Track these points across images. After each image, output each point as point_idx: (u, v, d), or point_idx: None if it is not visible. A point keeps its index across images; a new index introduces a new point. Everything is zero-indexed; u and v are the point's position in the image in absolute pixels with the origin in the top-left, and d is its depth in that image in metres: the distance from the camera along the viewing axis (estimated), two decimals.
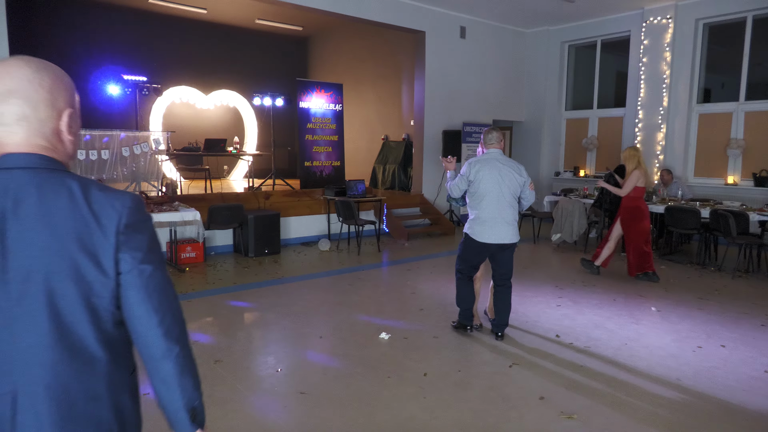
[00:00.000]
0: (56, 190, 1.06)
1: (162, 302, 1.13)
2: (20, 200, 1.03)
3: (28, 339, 1.03)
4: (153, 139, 8.45)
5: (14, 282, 1.02)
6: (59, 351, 1.05)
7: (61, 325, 1.04)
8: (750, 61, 8.89)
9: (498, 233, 4.17)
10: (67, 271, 1.04)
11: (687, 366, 3.85)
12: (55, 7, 11.25)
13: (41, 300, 1.03)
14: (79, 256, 1.05)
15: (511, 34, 11.44)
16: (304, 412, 3.14)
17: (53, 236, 1.04)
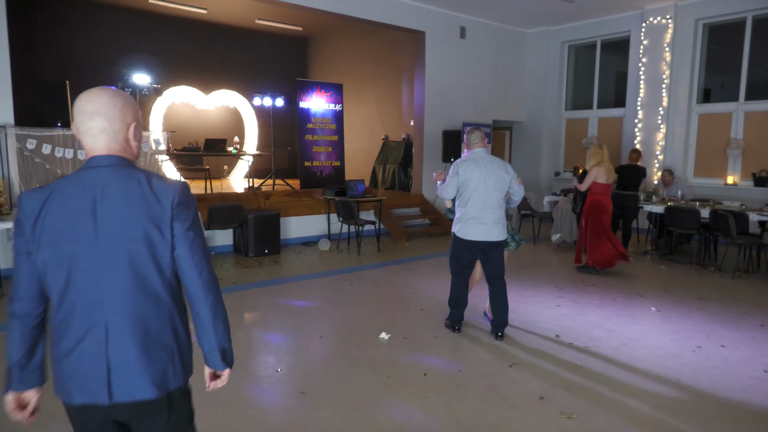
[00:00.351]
0: (129, 180, 1.49)
1: (201, 260, 1.56)
2: (105, 189, 1.47)
3: (115, 286, 1.47)
4: (153, 139, 8.44)
5: (103, 245, 1.46)
6: (137, 294, 1.49)
7: (137, 276, 1.49)
8: (750, 61, 8.89)
9: (484, 231, 4.21)
10: (140, 237, 1.48)
11: (687, 366, 3.86)
12: (55, 7, 11.24)
13: (123, 258, 1.47)
14: (147, 226, 1.48)
15: (511, 34, 11.44)
16: (304, 412, 3.14)
17: (129, 213, 1.47)
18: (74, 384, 1.48)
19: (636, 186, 7.67)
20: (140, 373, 1.49)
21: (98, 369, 1.47)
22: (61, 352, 1.49)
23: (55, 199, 1.47)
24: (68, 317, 1.48)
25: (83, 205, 1.46)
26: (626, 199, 7.64)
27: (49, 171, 6.94)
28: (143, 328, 1.50)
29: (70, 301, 1.47)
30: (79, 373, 1.48)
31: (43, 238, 1.45)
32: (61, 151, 7.03)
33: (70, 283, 1.47)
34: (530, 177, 11.87)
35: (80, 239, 1.46)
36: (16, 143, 6.61)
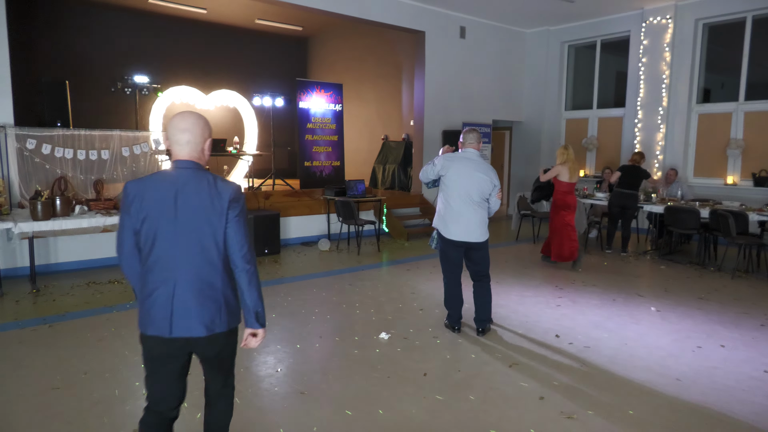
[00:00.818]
0: (201, 179, 2.10)
1: (244, 240, 2.13)
2: (185, 184, 2.08)
3: (184, 253, 2.06)
4: (153, 139, 8.43)
5: (180, 224, 2.05)
6: (199, 260, 2.08)
7: (201, 247, 2.07)
8: (750, 61, 8.89)
9: (463, 231, 4.23)
10: (205, 219, 2.07)
11: (686, 366, 3.86)
12: (55, 7, 11.24)
13: (192, 234, 2.06)
14: (210, 212, 2.07)
15: (511, 34, 11.44)
16: (304, 412, 3.14)
17: (200, 201, 2.07)
18: (149, 320, 2.08)
19: (636, 186, 7.69)
20: (194, 318, 2.07)
21: (165, 311, 2.05)
22: (143, 295, 2.10)
23: (151, 187, 2.08)
24: (150, 270, 2.08)
25: (169, 194, 2.07)
26: (626, 198, 7.66)
27: (48, 171, 6.94)
28: (200, 286, 2.08)
29: (152, 259, 2.07)
30: (152, 312, 2.07)
31: (140, 213, 2.07)
32: (61, 151, 7.02)
33: (154, 247, 2.07)
34: (530, 177, 11.86)
35: (164, 217, 2.06)
36: (16, 143, 6.61)
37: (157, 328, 2.07)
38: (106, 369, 3.70)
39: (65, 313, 4.92)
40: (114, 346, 4.12)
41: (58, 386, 3.43)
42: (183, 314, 2.06)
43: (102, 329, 4.49)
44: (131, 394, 3.35)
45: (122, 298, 5.42)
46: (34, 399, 3.26)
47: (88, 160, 7.33)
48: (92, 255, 6.75)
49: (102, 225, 5.86)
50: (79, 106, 9.96)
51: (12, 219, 5.54)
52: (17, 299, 5.35)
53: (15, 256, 6.20)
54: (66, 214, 5.74)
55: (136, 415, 3.08)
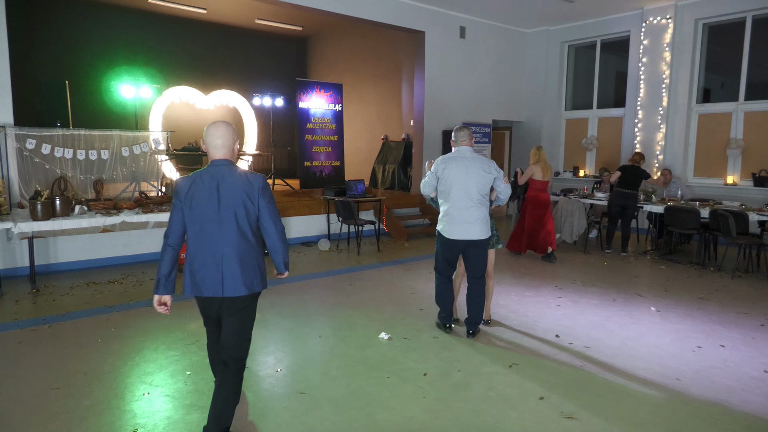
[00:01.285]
0: (235, 173, 2.68)
1: (276, 217, 2.74)
2: (223, 177, 2.64)
3: (227, 234, 2.64)
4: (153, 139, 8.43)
5: (222, 209, 2.61)
6: (239, 239, 2.65)
7: (239, 228, 2.64)
8: (749, 61, 8.89)
9: (464, 230, 4.20)
10: (241, 204, 2.63)
11: (687, 366, 3.85)
12: (55, 7, 11.23)
13: (232, 218, 2.63)
14: (245, 199, 2.64)
15: (511, 34, 11.44)
16: (304, 412, 3.14)
17: (236, 190, 2.63)
18: (205, 285, 2.67)
19: (636, 186, 7.69)
20: (239, 281, 2.68)
21: (217, 277, 2.67)
22: (195, 267, 2.68)
23: (197, 181, 2.68)
24: (200, 249, 2.67)
25: (212, 186, 2.66)
26: (627, 198, 7.66)
27: (48, 171, 6.94)
28: (241, 257, 2.69)
29: (200, 241, 2.67)
30: (206, 279, 2.67)
31: (190, 202, 2.66)
32: (61, 151, 7.02)
33: (201, 231, 2.66)
34: None
35: (209, 205, 2.65)
36: (16, 143, 6.61)
37: (212, 290, 2.67)
38: (106, 369, 3.70)
39: (65, 313, 4.92)
40: (114, 346, 4.11)
41: (58, 386, 3.42)
42: (230, 279, 2.67)
43: (102, 329, 4.49)
44: (131, 393, 3.35)
45: (122, 298, 5.42)
46: (33, 399, 3.26)
47: (88, 160, 7.34)
48: (92, 255, 6.75)
49: (102, 225, 5.86)
50: (78, 106, 9.96)
51: (12, 219, 5.54)
52: (17, 299, 5.35)
53: (15, 256, 6.20)
54: (66, 214, 5.74)
55: (137, 415, 3.08)
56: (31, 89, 9.32)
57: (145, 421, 3.00)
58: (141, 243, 7.08)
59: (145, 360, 3.89)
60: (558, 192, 9.33)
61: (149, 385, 3.45)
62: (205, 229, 2.66)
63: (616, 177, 7.79)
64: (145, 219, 6.12)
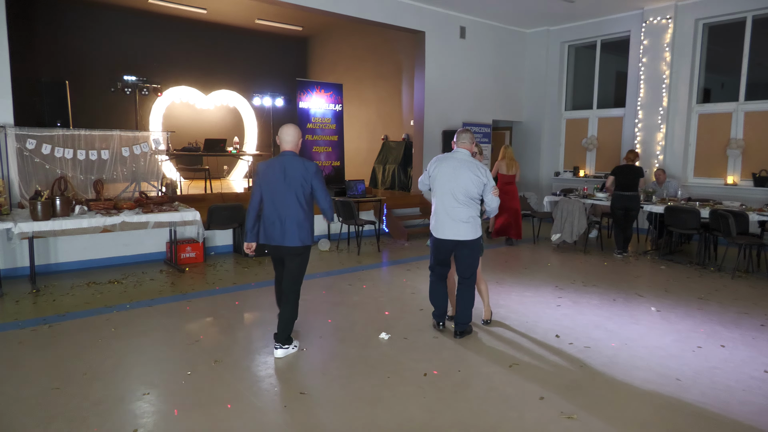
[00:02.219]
0: (297, 160, 3.86)
1: (324, 194, 3.91)
2: (288, 163, 3.85)
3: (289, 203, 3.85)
4: (153, 139, 8.43)
5: (286, 185, 3.84)
6: (297, 206, 3.86)
7: (297, 199, 3.85)
8: (750, 61, 8.89)
9: (448, 229, 4.25)
10: (299, 183, 3.84)
11: (687, 366, 3.86)
12: (55, 7, 11.24)
13: (293, 192, 3.85)
14: (302, 179, 3.83)
15: (511, 35, 11.44)
16: (304, 412, 3.14)
17: (296, 173, 3.83)
18: (272, 237, 3.86)
19: (634, 186, 7.62)
20: (295, 236, 3.82)
21: (279, 232, 3.83)
22: (267, 225, 3.87)
23: (270, 165, 3.85)
24: (270, 212, 3.84)
25: (280, 169, 3.81)
26: (628, 200, 7.60)
27: (48, 171, 6.93)
28: (297, 220, 3.82)
29: (271, 207, 3.84)
30: (274, 233, 3.85)
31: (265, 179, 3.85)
32: (61, 151, 7.02)
33: (272, 200, 3.83)
34: (530, 177, 11.87)
35: (277, 183, 3.81)
36: (16, 143, 6.61)
37: (277, 241, 3.87)
38: (106, 369, 3.70)
39: (65, 313, 4.92)
40: (114, 346, 4.12)
41: (58, 386, 3.43)
42: (289, 234, 3.84)
43: (102, 329, 4.49)
44: (131, 393, 3.35)
45: (122, 298, 5.42)
46: (34, 399, 3.26)
47: (88, 160, 7.33)
48: (92, 255, 6.75)
49: (102, 225, 5.85)
50: (79, 106, 9.96)
51: (12, 219, 5.54)
52: (17, 299, 5.35)
53: (15, 256, 6.20)
54: (66, 214, 5.74)
55: (137, 415, 3.08)
56: (31, 89, 9.32)
57: (145, 421, 3.01)
58: (141, 243, 7.08)
59: (145, 360, 3.89)
60: (558, 192, 9.32)
61: (149, 385, 3.45)
62: (274, 199, 3.85)
63: (611, 182, 7.77)
64: (145, 219, 6.12)
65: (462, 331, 4.43)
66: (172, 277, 6.34)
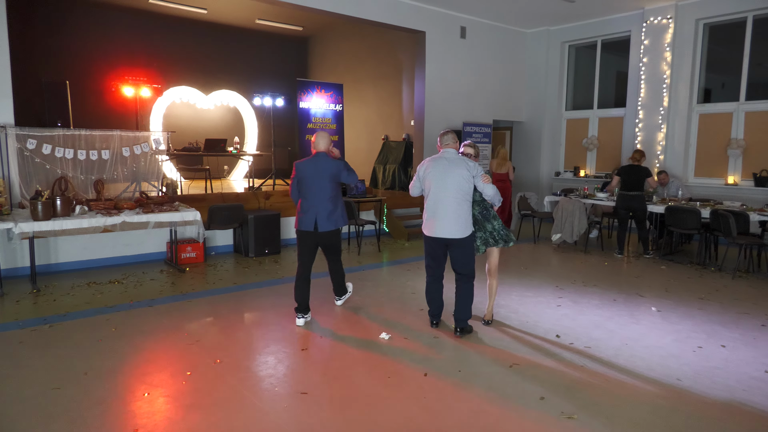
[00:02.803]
0: (327, 159, 4.66)
1: (351, 178, 4.77)
2: (321, 161, 4.64)
3: (320, 193, 4.61)
4: (153, 139, 8.42)
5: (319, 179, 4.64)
6: (328, 198, 4.65)
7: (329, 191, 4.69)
8: (750, 61, 8.89)
9: (440, 228, 4.29)
10: (330, 177, 4.63)
11: (687, 366, 3.85)
12: (56, 7, 11.24)
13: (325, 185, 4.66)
14: (333, 173, 4.64)
15: (512, 34, 11.44)
16: (305, 412, 3.14)
17: (327, 168, 4.61)
18: (305, 224, 4.57)
19: (639, 186, 7.57)
20: (327, 223, 4.58)
21: (312, 220, 4.57)
22: (303, 213, 4.59)
23: (305, 163, 4.62)
24: (307, 203, 4.60)
25: (315, 166, 4.59)
26: (631, 200, 7.55)
27: (49, 171, 6.93)
28: (328, 209, 4.58)
29: (307, 198, 4.60)
30: (308, 221, 4.57)
31: (301, 175, 4.60)
32: (61, 151, 7.02)
33: (308, 192, 4.61)
34: (531, 177, 11.87)
35: (312, 176, 4.58)
36: (17, 143, 6.61)
37: (309, 228, 4.57)
38: (107, 369, 3.70)
39: (66, 313, 4.92)
40: (114, 346, 4.12)
41: (59, 386, 3.43)
42: (322, 221, 4.57)
43: (102, 329, 4.49)
44: (132, 394, 3.35)
45: (122, 298, 5.43)
46: (34, 399, 3.26)
47: (89, 160, 7.33)
48: (93, 255, 6.75)
49: (102, 225, 5.86)
50: (79, 106, 9.96)
51: (12, 219, 5.54)
52: (18, 299, 5.35)
53: (15, 256, 6.21)
54: (66, 214, 5.74)
55: (137, 415, 3.08)
56: (31, 89, 9.33)
57: (145, 422, 3.01)
58: (142, 243, 7.08)
59: (145, 360, 3.90)
60: (558, 192, 9.32)
61: (150, 385, 3.45)
62: (310, 191, 4.56)
63: (616, 182, 7.74)
64: (146, 219, 6.12)
65: (462, 328, 4.44)
66: (172, 277, 6.34)
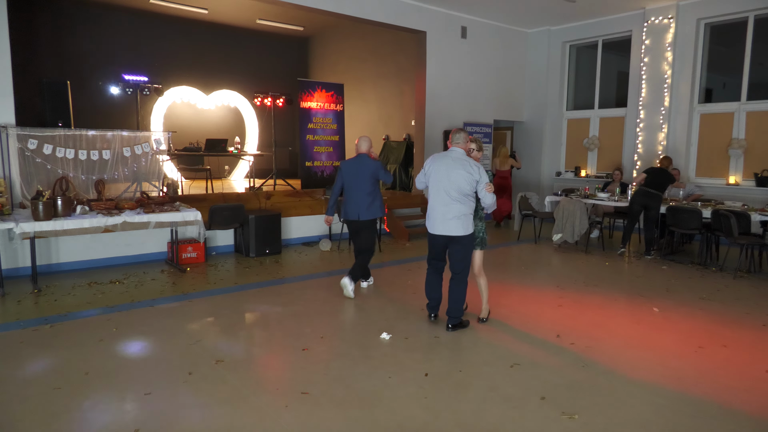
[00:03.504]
0: (368, 159, 5.55)
1: (386, 176, 5.61)
2: (362, 161, 5.52)
3: (361, 189, 5.51)
4: (154, 139, 8.44)
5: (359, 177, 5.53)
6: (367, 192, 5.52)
7: (368, 186, 5.53)
8: (751, 61, 8.88)
9: (440, 225, 4.41)
10: (369, 174, 5.50)
11: (689, 366, 3.85)
12: (57, 7, 11.26)
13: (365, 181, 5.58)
14: (372, 171, 5.51)
15: (513, 34, 11.43)
16: (306, 411, 3.14)
17: (368, 168, 5.50)
18: (350, 214, 5.53)
19: (662, 188, 7.54)
20: (367, 212, 5.50)
21: (355, 210, 5.50)
22: (346, 203, 5.56)
23: (348, 164, 5.54)
24: (349, 196, 5.52)
25: (356, 166, 5.49)
26: (651, 198, 7.52)
27: (50, 171, 6.94)
28: (367, 201, 5.48)
29: (350, 193, 5.52)
30: (351, 211, 5.52)
31: (344, 174, 5.53)
32: (62, 151, 7.03)
33: (351, 187, 5.50)
34: (531, 177, 11.87)
35: (354, 175, 5.48)
36: (18, 143, 6.62)
37: (353, 217, 5.46)
38: (108, 369, 3.70)
39: (67, 313, 4.93)
40: (115, 346, 4.12)
41: (60, 386, 3.43)
42: (362, 211, 5.42)
43: (103, 329, 4.49)
44: (133, 394, 3.35)
45: (123, 298, 5.43)
46: (35, 399, 3.26)
47: (90, 160, 7.35)
48: (93, 255, 6.76)
49: (103, 225, 5.86)
50: (80, 107, 9.96)
51: (14, 219, 5.55)
52: (19, 299, 5.36)
53: (17, 256, 6.21)
54: (67, 214, 5.74)
55: (138, 415, 3.08)
56: (32, 89, 9.34)
57: (145, 422, 3.01)
58: (142, 243, 7.09)
59: (146, 360, 3.90)
60: (559, 192, 9.32)
61: (150, 385, 3.45)
62: (352, 186, 5.46)
63: (641, 179, 7.73)
64: (147, 219, 6.13)
65: (454, 324, 4.53)
66: (173, 277, 6.34)
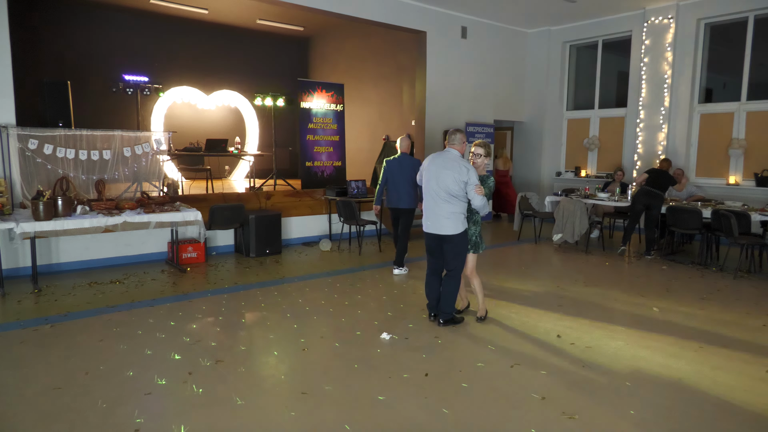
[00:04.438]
0: (409, 158, 6.56)
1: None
2: (404, 160, 6.54)
3: (404, 183, 6.51)
4: (154, 140, 8.43)
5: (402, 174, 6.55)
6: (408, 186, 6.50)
7: (410, 182, 6.45)
8: (751, 61, 8.88)
9: (432, 223, 4.57)
10: (410, 172, 6.43)
11: (688, 366, 3.85)
12: (57, 8, 11.26)
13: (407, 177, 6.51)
14: (413, 169, 6.28)
15: (513, 34, 11.43)
16: (305, 412, 3.14)
17: (409, 167, 6.48)
18: (393, 202, 6.58)
19: (664, 188, 7.57)
20: (407, 202, 6.53)
21: (399, 200, 6.52)
22: (391, 195, 6.56)
23: (392, 161, 6.50)
24: (393, 190, 6.53)
25: (400, 164, 6.49)
26: (653, 197, 7.53)
27: (50, 171, 6.94)
28: (408, 193, 6.49)
29: (394, 187, 6.52)
30: (394, 200, 6.56)
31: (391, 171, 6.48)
32: (63, 151, 7.03)
33: (394, 182, 6.49)
34: (532, 177, 11.87)
35: (398, 173, 6.47)
36: (18, 143, 6.62)
37: (395, 205, 6.55)
38: (108, 369, 3.70)
39: (67, 313, 4.93)
40: (115, 346, 4.12)
41: (60, 386, 3.43)
42: (404, 201, 6.48)
43: (104, 329, 4.50)
44: (133, 394, 3.35)
45: (124, 298, 5.43)
46: (35, 399, 3.27)
47: (90, 161, 7.34)
48: (94, 255, 6.76)
49: (104, 225, 5.86)
50: (80, 107, 9.97)
51: (14, 219, 5.55)
52: (19, 299, 5.36)
53: (17, 256, 6.22)
54: (68, 214, 5.75)
55: (138, 415, 3.09)
56: (33, 89, 9.34)
57: (146, 422, 3.01)
58: (143, 243, 7.09)
59: (146, 360, 3.90)
60: (559, 192, 9.32)
61: (150, 385, 3.46)
62: (395, 182, 6.37)
63: (643, 178, 7.74)
64: (147, 219, 6.13)
65: (445, 320, 4.63)
66: (173, 277, 6.34)
